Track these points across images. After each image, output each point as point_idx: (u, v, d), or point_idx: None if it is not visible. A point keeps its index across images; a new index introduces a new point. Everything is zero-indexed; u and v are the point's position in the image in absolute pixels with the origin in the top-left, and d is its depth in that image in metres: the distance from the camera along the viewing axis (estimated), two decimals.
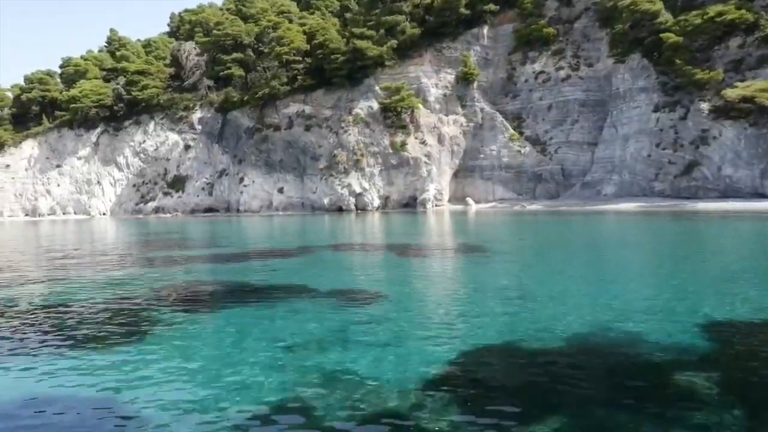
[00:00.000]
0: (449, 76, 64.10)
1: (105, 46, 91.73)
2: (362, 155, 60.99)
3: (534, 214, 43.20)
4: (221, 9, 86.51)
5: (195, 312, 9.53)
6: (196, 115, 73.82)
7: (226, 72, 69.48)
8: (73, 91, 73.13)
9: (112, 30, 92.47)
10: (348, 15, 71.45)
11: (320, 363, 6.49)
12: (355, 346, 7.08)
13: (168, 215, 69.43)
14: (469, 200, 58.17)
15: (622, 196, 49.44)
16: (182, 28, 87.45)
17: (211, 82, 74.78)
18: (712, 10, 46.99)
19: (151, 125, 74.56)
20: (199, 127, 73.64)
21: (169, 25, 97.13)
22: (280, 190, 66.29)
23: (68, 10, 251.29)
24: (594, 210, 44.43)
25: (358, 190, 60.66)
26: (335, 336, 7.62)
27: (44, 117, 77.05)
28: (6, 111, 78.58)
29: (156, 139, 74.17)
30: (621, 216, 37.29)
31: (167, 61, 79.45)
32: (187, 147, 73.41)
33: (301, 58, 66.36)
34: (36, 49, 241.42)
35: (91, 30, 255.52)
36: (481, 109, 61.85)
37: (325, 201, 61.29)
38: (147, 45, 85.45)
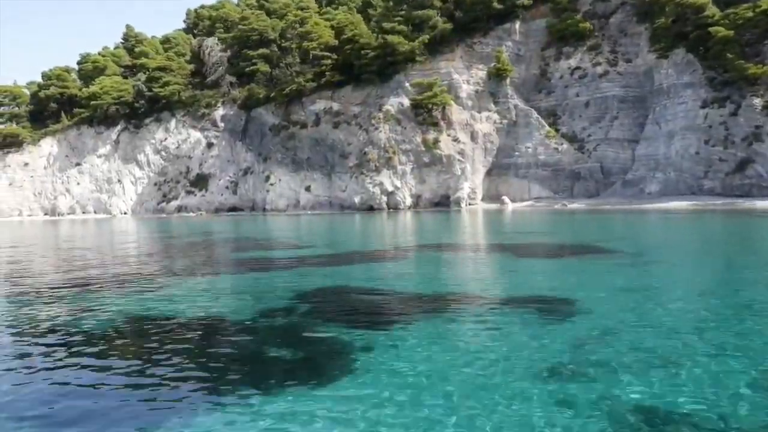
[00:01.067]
0: (480, 72, 62.71)
1: (121, 43, 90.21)
2: (394, 153, 59.61)
3: (578, 213, 41.69)
4: (240, 4, 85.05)
5: (377, 328, 8.01)
6: (219, 112, 72.38)
7: (251, 68, 67.98)
8: (93, 88, 71.66)
9: (128, 26, 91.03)
10: (371, 11, 69.98)
11: (609, 393, 5.10)
12: (621, 369, 5.71)
13: (192, 214, 68.00)
14: (506, 199, 56.76)
15: (668, 195, 48.08)
16: (201, 24, 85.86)
17: (233, 79, 73.36)
18: (765, 2, 45.60)
19: (173, 123, 73.13)
20: (222, 124, 72.21)
21: (185, 21, 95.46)
22: (307, 189, 64.88)
23: (79, 9, 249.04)
24: (642, 209, 43.04)
25: (390, 188, 59.26)
26: (582, 356, 6.23)
27: (63, 114, 75.51)
28: (23, 108, 77.01)
29: (178, 136, 72.74)
30: (679, 215, 35.93)
31: (187, 58, 78.00)
32: (209, 145, 71.97)
33: (329, 54, 64.82)
34: (46, 48, 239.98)
35: (102, 28, 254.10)
36: (515, 106, 60.44)
37: (356, 200, 59.88)
38: (165, 41, 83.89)
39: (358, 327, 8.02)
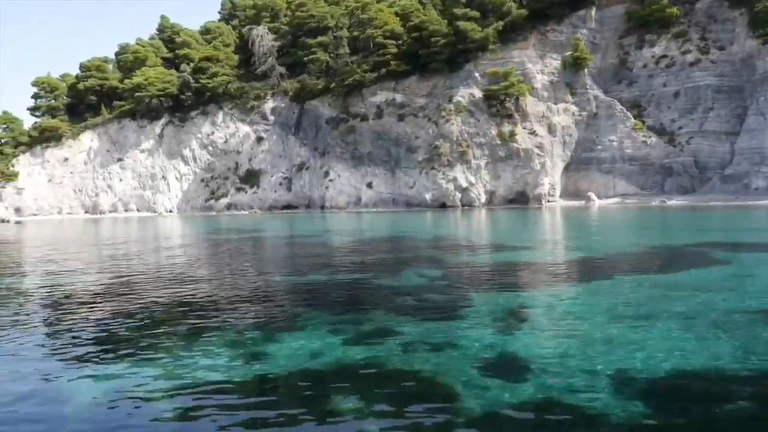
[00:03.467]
0: (555, 62, 59.17)
1: (156, 34, 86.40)
2: (468, 147, 56.00)
3: (685, 210, 37.81)
4: None
5: None
6: (269, 104, 68.76)
7: (310, 57, 64.27)
8: (137, 79, 67.89)
9: (163, 17, 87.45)
10: None
11: None
12: None
13: (244, 212, 64.33)
14: (592, 195, 53.13)
15: None
16: (240, 14, 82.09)
17: (283, 69, 69.72)
18: None
19: (220, 116, 69.43)
20: (272, 117, 68.58)
21: (220, 12, 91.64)
22: (369, 185, 61.22)
23: (105, 3, 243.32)
24: (751, 205, 39.36)
25: (464, 184, 55.67)
26: None
27: (102, 107, 71.74)
28: (60, 101, 73.26)
29: (225, 130, 69.05)
30: None
31: (231, 48, 74.29)
32: (259, 139, 68.33)
33: (393, 42, 61.16)
34: (72, 43, 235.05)
35: (124, 21, 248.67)
36: (595, 97, 56.90)
37: (427, 196, 56.24)
38: (205, 32, 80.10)
39: None
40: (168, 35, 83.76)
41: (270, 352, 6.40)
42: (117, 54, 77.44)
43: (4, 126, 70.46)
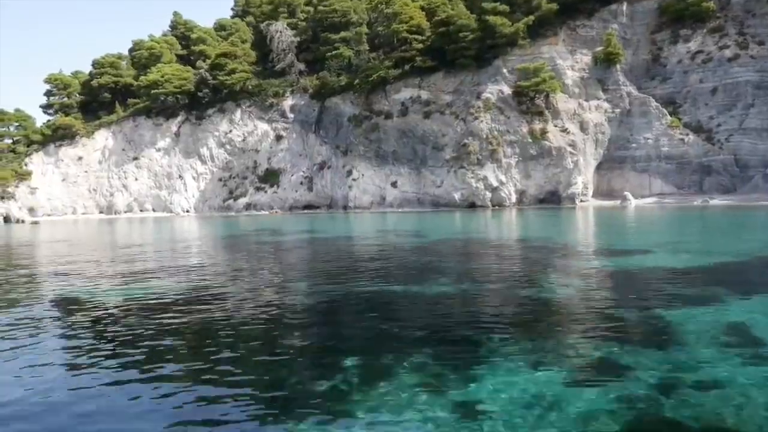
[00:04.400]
0: (585, 58, 57.61)
1: (169, 31, 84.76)
2: (498, 145, 54.36)
3: (732, 210, 36.24)
4: None
5: None
6: (288, 102, 67.08)
7: (333, 53, 62.58)
8: (153, 75, 66.15)
9: (176, 13, 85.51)
10: None
11: None
12: None
13: (264, 212, 62.66)
14: (628, 195, 51.43)
15: None
16: (256, 10, 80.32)
17: (302, 66, 68.07)
18: None
19: (238, 113, 67.74)
20: (292, 115, 66.90)
21: (233, 9, 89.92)
22: (394, 185, 59.56)
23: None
24: None
25: (494, 183, 54.03)
26: None
27: (117, 104, 70.03)
28: (74, 98, 71.53)
29: (243, 128, 67.37)
30: None
31: (248, 45, 72.56)
32: (278, 137, 66.64)
33: (419, 37, 59.52)
34: (81, 40, 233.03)
35: (134, 17, 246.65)
36: (628, 94, 55.28)
37: (456, 196, 54.60)
38: (220, 28, 78.41)
39: None
40: (181, 32, 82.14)
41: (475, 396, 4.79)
42: (131, 50, 75.71)
43: (16, 124, 68.75)
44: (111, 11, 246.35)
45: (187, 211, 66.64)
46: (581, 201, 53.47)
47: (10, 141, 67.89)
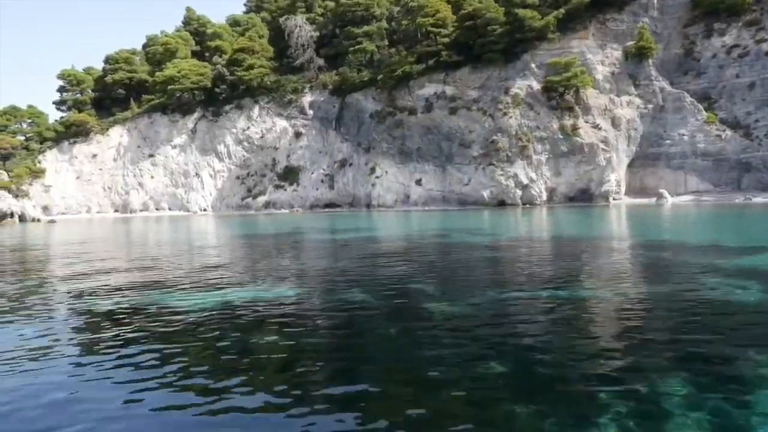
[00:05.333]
0: (615, 52, 56.12)
1: (182, 27, 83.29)
2: (528, 141, 52.87)
3: None
4: None
5: None
6: (307, 98, 65.62)
7: (356, 47, 61.09)
8: (169, 71, 64.66)
9: (188, 9, 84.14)
10: None
11: None
12: None
13: (284, 211, 61.14)
14: (664, 193, 49.93)
15: None
16: (271, 5, 78.91)
17: (321, 61, 66.59)
18: None
19: (256, 110, 66.25)
20: (311, 111, 65.43)
21: (246, 4, 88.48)
22: (418, 182, 58.06)
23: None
24: None
25: (524, 181, 52.52)
26: None
27: (131, 101, 68.52)
28: (87, 94, 70.00)
29: (261, 125, 65.88)
30: None
31: (263, 40, 71.08)
32: (297, 134, 65.14)
33: (443, 31, 58.06)
34: (91, 37, 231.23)
35: (146, 14, 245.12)
36: (661, 89, 53.77)
37: (485, 194, 53.09)
38: (234, 24, 76.95)
39: None
40: (194, 27, 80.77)
41: None
42: (145, 46, 74.28)
43: (29, 120, 67.24)
44: (118, 8, 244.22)
45: (204, 210, 65.13)
46: (614, 199, 52.00)
47: (23, 138, 66.29)
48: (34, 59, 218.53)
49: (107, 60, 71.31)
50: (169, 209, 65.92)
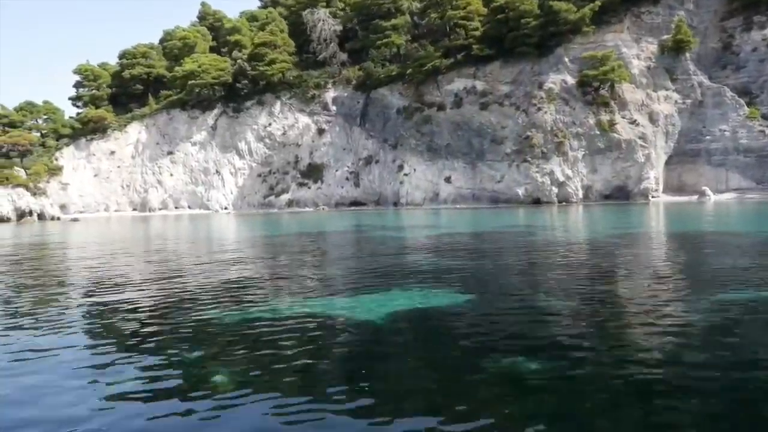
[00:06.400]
0: (651, 46, 54.70)
1: (197, 22, 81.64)
2: (564, 137, 51.39)
3: None
4: None
5: None
6: (330, 94, 64.08)
7: (383, 41, 59.56)
8: (189, 66, 63.07)
9: (204, 4, 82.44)
10: None
11: None
12: None
13: (308, 209, 59.59)
14: (707, 190, 48.53)
15: None
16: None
17: (345, 56, 65.05)
18: None
19: (277, 106, 64.68)
20: (334, 107, 63.88)
21: None
22: (447, 180, 56.54)
23: None
24: None
25: (561, 178, 51.05)
26: None
27: (150, 96, 66.93)
28: (104, 90, 68.37)
29: (283, 121, 64.32)
30: None
31: (284, 35, 69.44)
32: (320, 131, 63.59)
33: (472, 24, 56.58)
34: (102, 33, 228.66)
35: (159, 10, 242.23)
36: (700, 84, 52.35)
37: (520, 191, 51.61)
38: (252, 18, 75.28)
39: None
40: (210, 22, 79.10)
41: None
42: (162, 41, 72.69)
43: (45, 116, 65.63)
44: (128, 4, 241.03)
45: (225, 209, 63.58)
46: (652, 197, 50.55)
47: (38, 134, 64.66)
48: (44, 56, 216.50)
49: (124, 55, 69.63)
50: (189, 208, 64.35)
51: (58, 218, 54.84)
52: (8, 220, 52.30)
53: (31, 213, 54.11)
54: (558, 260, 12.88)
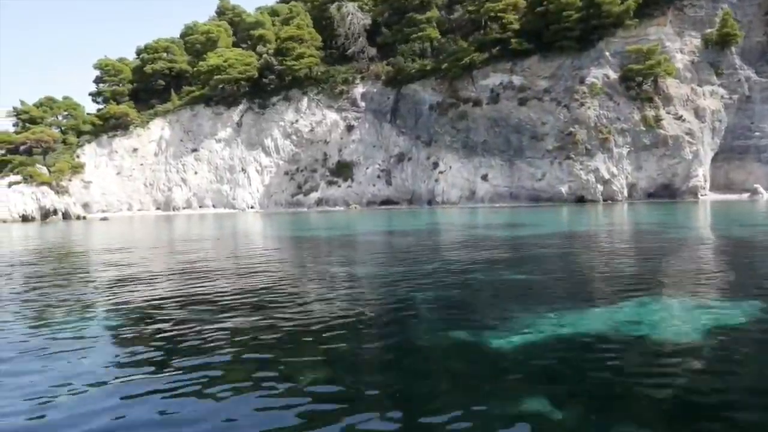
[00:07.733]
0: (694, 40, 53.26)
1: (215, 16, 79.86)
2: (608, 133, 49.86)
3: None
4: None
5: None
6: (358, 89, 62.39)
7: (418, 35, 57.93)
8: (213, 60, 61.27)
9: None
10: None
11: None
12: None
13: (339, 208, 57.91)
14: (760, 188, 47.10)
15: None
16: None
17: (374, 51, 63.38)
18: None
19: (305, 102, 62.97)
20: (363, 103, 62.21)
21: None
22: (484, 178, 54.96)
23: None
24: None
25: (606, 175, 49.53)
26: None
27: (172, 92, 65.11)
28: (124, 86, 66.54)
29: (311, 118, 62.60)
30: None
31: (310, 29, 67.68)
32: (349, 127, 61.91)
33: (510, 17, 54.99)
34: (119, 27, 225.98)
35: (173, 8, 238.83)
36: (747, 78, 50.98)
37: (563, 189, 50.08)
38: (273, 13, 73.47)
39: None
40: (229, 17, 77.26)
41: None
42: (183, 35, 70.82)
43: (65, 113, 63.76)
44: (140, 3, 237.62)
45: (252, 207, 61.84)
46: (701, 195, 49.09)
47: (58, 131, 62.77)
48: (45, 55, 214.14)
49: (144, 49, 67.71)
50: (214, 206, 62.61)
51: (84, 217, 53.01)
52: (33, 219, 50.47)
53: (55, 212, 52.28)
54: None
